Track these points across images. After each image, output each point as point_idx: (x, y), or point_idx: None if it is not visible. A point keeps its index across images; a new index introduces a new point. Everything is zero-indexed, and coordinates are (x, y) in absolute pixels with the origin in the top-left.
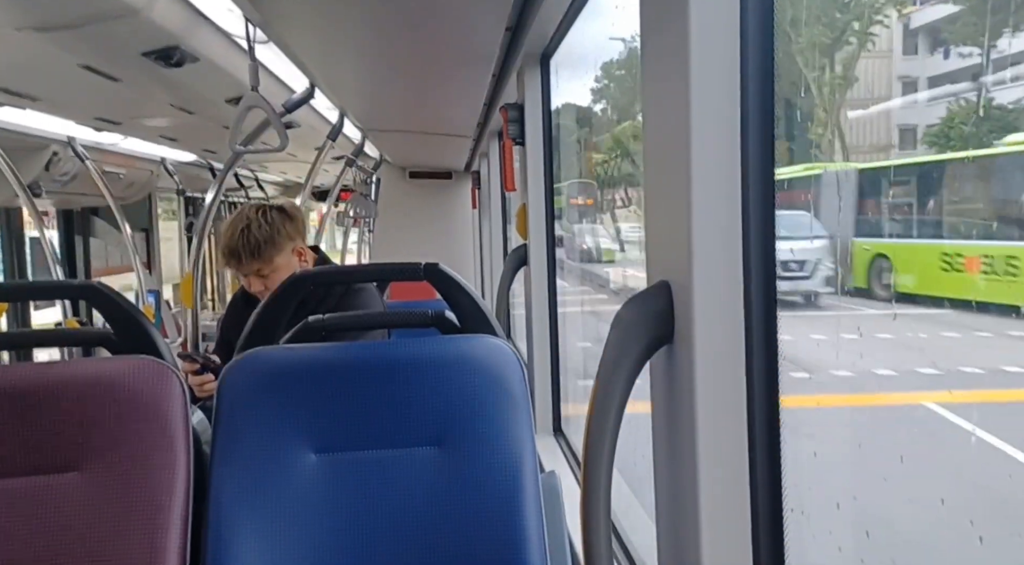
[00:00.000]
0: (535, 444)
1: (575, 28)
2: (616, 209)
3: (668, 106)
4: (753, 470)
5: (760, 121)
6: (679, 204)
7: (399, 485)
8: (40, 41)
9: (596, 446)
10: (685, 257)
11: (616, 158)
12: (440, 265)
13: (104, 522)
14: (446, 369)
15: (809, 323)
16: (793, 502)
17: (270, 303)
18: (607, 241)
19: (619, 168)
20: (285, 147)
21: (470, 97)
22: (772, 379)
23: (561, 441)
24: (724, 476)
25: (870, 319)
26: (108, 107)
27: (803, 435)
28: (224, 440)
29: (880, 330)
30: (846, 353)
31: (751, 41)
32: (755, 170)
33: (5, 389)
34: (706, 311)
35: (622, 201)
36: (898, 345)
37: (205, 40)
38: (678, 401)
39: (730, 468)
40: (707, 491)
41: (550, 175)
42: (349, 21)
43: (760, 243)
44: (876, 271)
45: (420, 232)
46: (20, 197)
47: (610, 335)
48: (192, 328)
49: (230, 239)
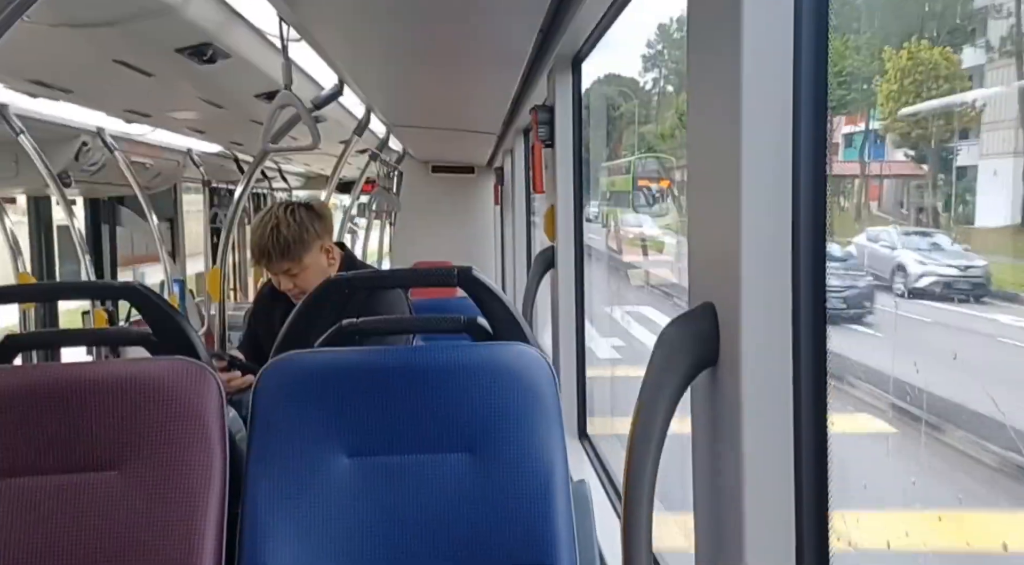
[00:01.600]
0: (566, 453)
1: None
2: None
3: (716, 116)
4: (800, 505)
5: (813, 135)
6: (727, 224)
7: (430, 490)
8: (75, 36)
9: (638, 468)
10: (733, 279)
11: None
12: (474, 270)
13: (142, 520)
14: (478, 376)
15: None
16: (841, 539)
17: (306, 306)
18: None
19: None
20: (317, 145)
21: (497, 96)
22: (821, 406)
23: (586, 445)
24: (769, 509)
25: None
26: (139, 100)
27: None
28: (260, 441)
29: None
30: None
31: (805, 48)
32: (807, 188)
33: (49, 387)
34: (754, 334)
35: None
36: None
37: (238, 37)
38: (722, 427)
39: (776, 500)
40: (752, 523)
41: (579, 177)
42: (381, 19)
43: (810, 264)
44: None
45: (441, 226)
46: (50, 186)
47: (653, 355)
48: (220, 323)
49: (260, 239)
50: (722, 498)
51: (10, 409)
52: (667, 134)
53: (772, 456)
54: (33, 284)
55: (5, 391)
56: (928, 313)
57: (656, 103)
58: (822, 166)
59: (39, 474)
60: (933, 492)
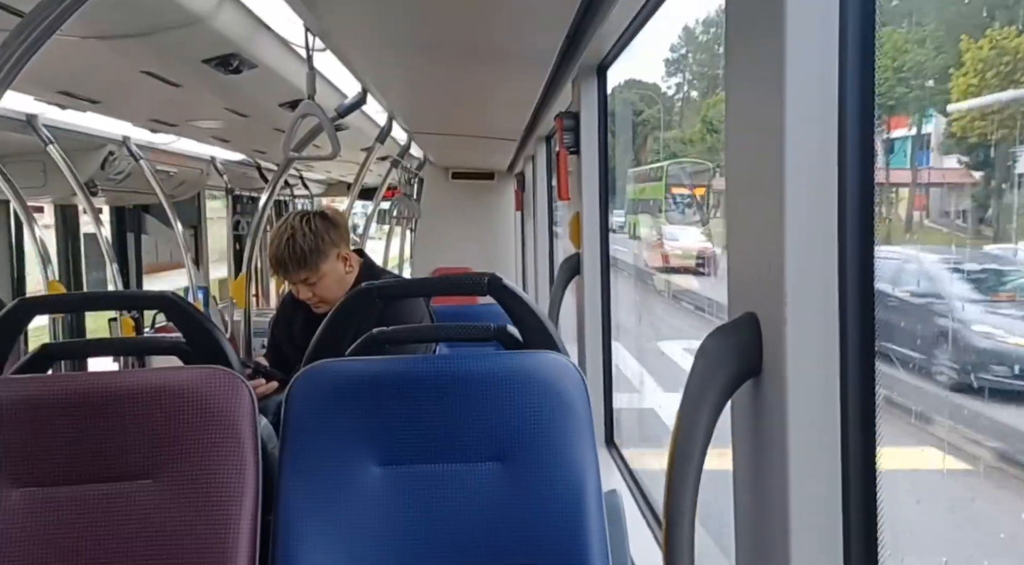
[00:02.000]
0: (598, 463)
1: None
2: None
3: (757, 118)
4: (848, 525)
5: (859, 136)
6: (769, 231)
7: (461, 500)
8: (105, 48)
9: (680, 482)
10: (776, 288)
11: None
12: (503, 279)
13: (176, 529)
14: (510, 384)
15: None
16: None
17: (337, 315)
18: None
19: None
20: (337, 154)
21: (519, 103)
22: (870, 421)
23: (614, 453)
24: (815, 528)
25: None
26: (165, 110)
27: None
28: (292, 450)
29: None
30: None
31: (851, 46)
32: (853, 192)
33: (87, 396)
34: (799, 345)
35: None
36: None
37: (263, 47)
38: (765, 441)
39: (822, 519)
40: (798, 544)
41: (605, 185)
42: (405, 28)
43: (858, 272)
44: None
45: (462, 232)
46: (77, 194)
47: (694, 366)
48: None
49: (276, 249)
50: (765, 516)
51: (48, 418)
52: (695, 139)
53: (819, 472)
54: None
55: (43, 400)
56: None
57: (680, 108)
58: (870, 169)
59: (76, 483)
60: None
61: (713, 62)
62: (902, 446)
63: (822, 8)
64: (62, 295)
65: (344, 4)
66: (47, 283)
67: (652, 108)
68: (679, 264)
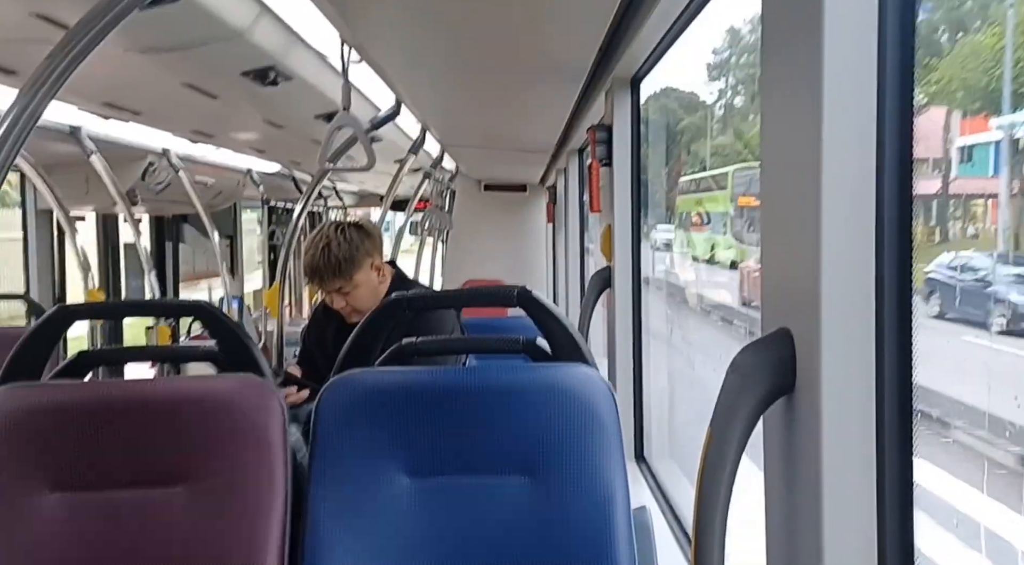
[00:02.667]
0: (627, 479)
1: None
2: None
3: (793, 129)
4: (883, 550)
5: (898, 150)
6: (805, 245)
7: (489, 513)
8: (148, 61)
9: (710, 500)
10: (811, 303)
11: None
12: (532, 291)
13: (206, 537)
14: (538, 397)
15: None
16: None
17: (367, 325)
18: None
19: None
20: (372, 166)
21: (552, 115)
22: (907, 441)
23: (644, 468)
24: (850, 551)
25: None
26: (204, 121)
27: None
28: (321, 459)
29: None
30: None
31: (890, 57)
32: (891, 207)
33: (122, 402)
34: (834, 362)
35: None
36: None
37: (300, 60)
38: (798, 460)
39: (857, 542)
40: (831, 562)
41: (637, 197)
42: (440, 41)
43: (895, 288)
44: None
45: (493, 245)
46: (118, 204)
47: (726, 381)
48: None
49: (311, 259)
50: (798, 540)
51: (84, 423)
52: (755, 144)
53: (853, 495)
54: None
55: (79, 406)
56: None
57: (725, 114)
58: (908, 182)
59: (110, 488)
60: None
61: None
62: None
63: (860, 17)
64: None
65: (380, 18)
66: (86, 291)
67: (694, 114)
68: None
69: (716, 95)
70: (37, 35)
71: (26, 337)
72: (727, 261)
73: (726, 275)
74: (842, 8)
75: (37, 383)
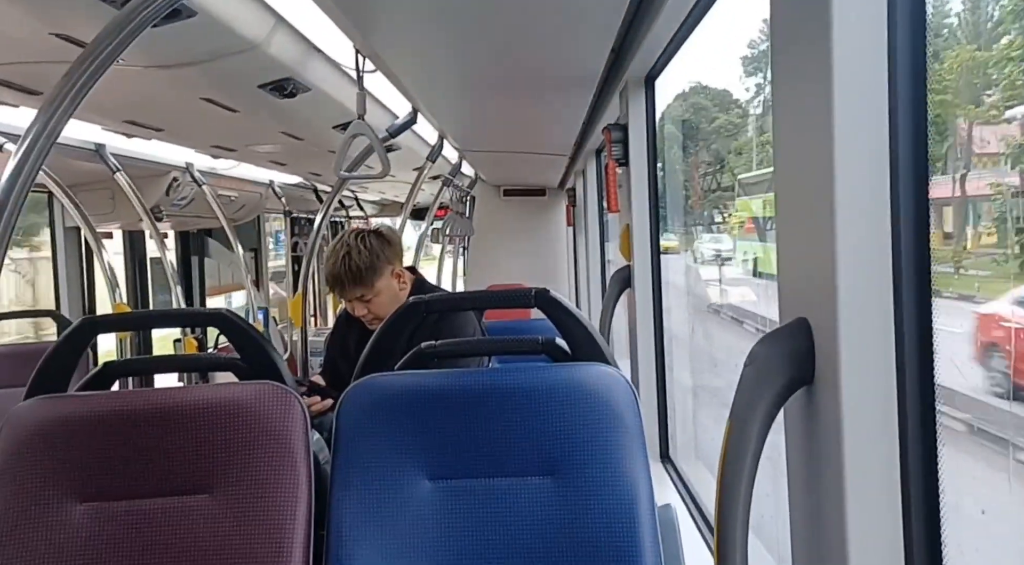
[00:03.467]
0: (651, 477)
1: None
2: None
3: (805, 119)
4: (908, 537)
5: (912, 135)
6: (821, 235)
7: (512, 514)
8: (166, 77)
9: (731, 493)
10: (828, 293)
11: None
12: (551, 292)
13: (232, 544)
14: (559, 397)
15: None
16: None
17: (386, 330)
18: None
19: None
20: (387, 173)
21: (569, 117)
22: (930, 428)
23: (669, 468)
24: (874, 540)
25: None
26: (225, 136)
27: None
28: (343, 464)
29: None
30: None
31: (900, 48)
32: (907, 193)
33: (146, 411)
34: (853, 351)
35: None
36: None
37: (316, 71)
38: (820, 450)
39: (881, 531)
40: (856, 556)
41: (655, 196)
42: (454, 47)
43: (913, 276)
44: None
45: (514, 249)
46: (144, 220)
47: (744, 373)
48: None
49: (332, 267)
50: (822, 531)
51: (109, 433)
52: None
53: (877, 486)
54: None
55: (105, 415)
56: None
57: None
58: (923, 169)
59: (136, 497)
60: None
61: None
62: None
63: (870, 11)
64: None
65: (393, 27)
66: (114, 306)
67: (730, 113)
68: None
69: (754, 91)
70: (57, 55)
71: (53, 349)
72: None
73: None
74: (852, 19)
75: (63, 395)
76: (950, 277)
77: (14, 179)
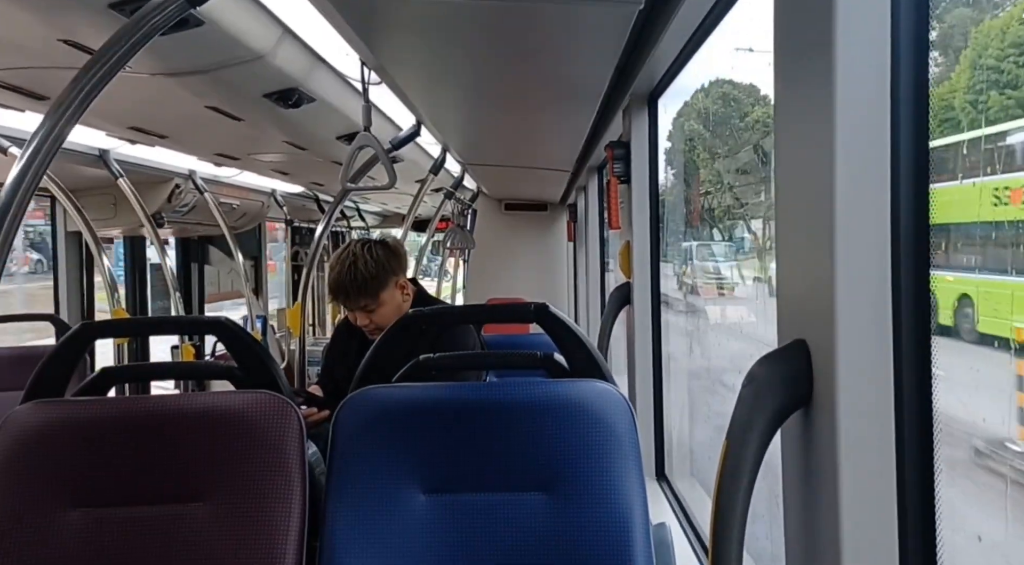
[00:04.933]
0: (646, 495)
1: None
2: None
3: (807, 140)
4: (904, 556)
5: (913, 159)
6: (820, 257)
7: (506, 530)
8: (171, 85)
9: (726, 514)
10: (826, 314)
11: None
12: (550, 307)
13: (224, 553)
14: (555, 413)
15: None
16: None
17: (384, 341)
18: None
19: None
20: (394, 184)
21: (571, 133)
22: (927, 453)
23: (664, 486)
24: (870, 560)
25: None
26: (228, 144)
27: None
28: (338, 475)
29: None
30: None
31: (903, 69)
32: (907, 216)
33: (141, 418)
34: (850, 374)
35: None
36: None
37: (321, 82)
38: (816, 474)
39: (877, 556)
40: None
41: (656, 214)
42: (459, 62)
43: (912, 298)
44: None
45: (515, 263)
46: (145, 226)
47: (742, 393)
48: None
49: (337, 276)
50: (817, 550)
51: (104, 439)
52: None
53: (873, 508)
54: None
55: (101, 421)
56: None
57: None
58: (924, 191)
59: (130, 505)
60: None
61: None
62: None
63: (872, 31)
64: (121, 320)
65: (399, 40)
66: (112, 311)
67: (768, 106)
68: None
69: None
70: (64, 61)
71: (50, 354)
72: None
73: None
74: (854, 43)
75: (60, 400)
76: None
77: (18, 183)
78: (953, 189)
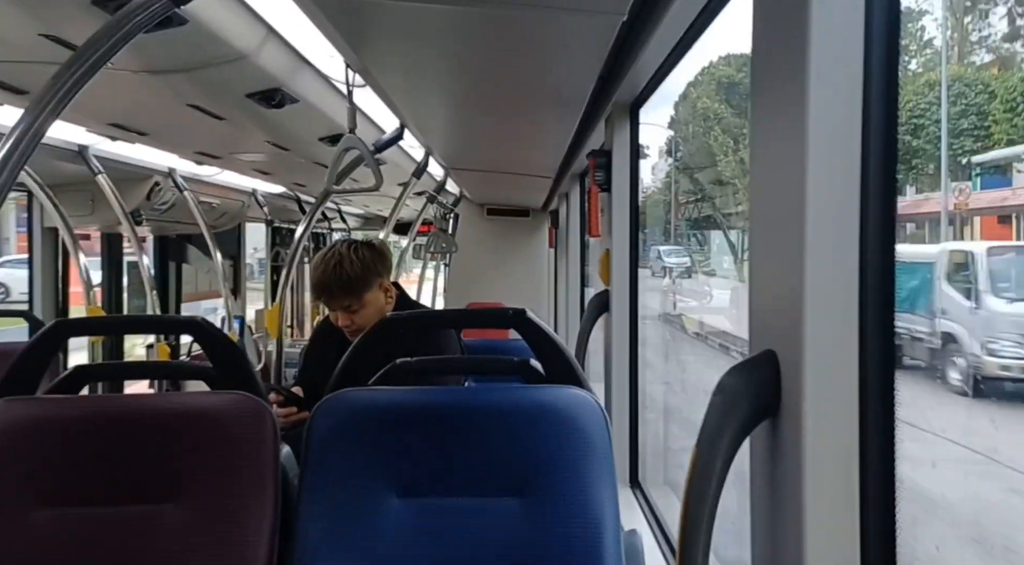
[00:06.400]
0: (618, 501)
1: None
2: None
3: (780, 156)
4: (865, 560)
5: (881, 178)
6: (791, 270)
7: (479, 535)
8: (153, 82)
9: (694, 520)
10: (795, 327)
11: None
12: (528, 313)
13: (196, 554)
14: (530, 419)
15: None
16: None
17: (361, 344)
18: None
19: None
20: (380, 186)
21: (554, 141)
22: (889, 463)
23: (638, 493)
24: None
25: None
26: (210, 143)
27: None
28: (311, 479)
29: None
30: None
31: (874, 89)
32: (875, 232)
33: (113, 418)
34: (817, 384)
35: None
36: None
37: (305, 83)
38: (782, 481)
39: (839, 555)
40: None
41: (635, 222)
42: (443, 66)
43: (878, 312)
44: None
45: (496, 269)
46: (123, 224)
47: (712, 402)
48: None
49: (322, 275)
50: (782, 555)
51: (75, 438)
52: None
53: (836, 514)
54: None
55: (73, 420)
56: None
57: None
58: (891, 208)
59: (101, 505)
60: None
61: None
62: None
63: (845, 55)
64: (95, 318)
65: (383, 43)
66: (87, 309)
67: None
68: None
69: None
70: (45, 56)
71: (23, 351)
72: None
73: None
74: (826, 64)
75: (31, 397)
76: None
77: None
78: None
